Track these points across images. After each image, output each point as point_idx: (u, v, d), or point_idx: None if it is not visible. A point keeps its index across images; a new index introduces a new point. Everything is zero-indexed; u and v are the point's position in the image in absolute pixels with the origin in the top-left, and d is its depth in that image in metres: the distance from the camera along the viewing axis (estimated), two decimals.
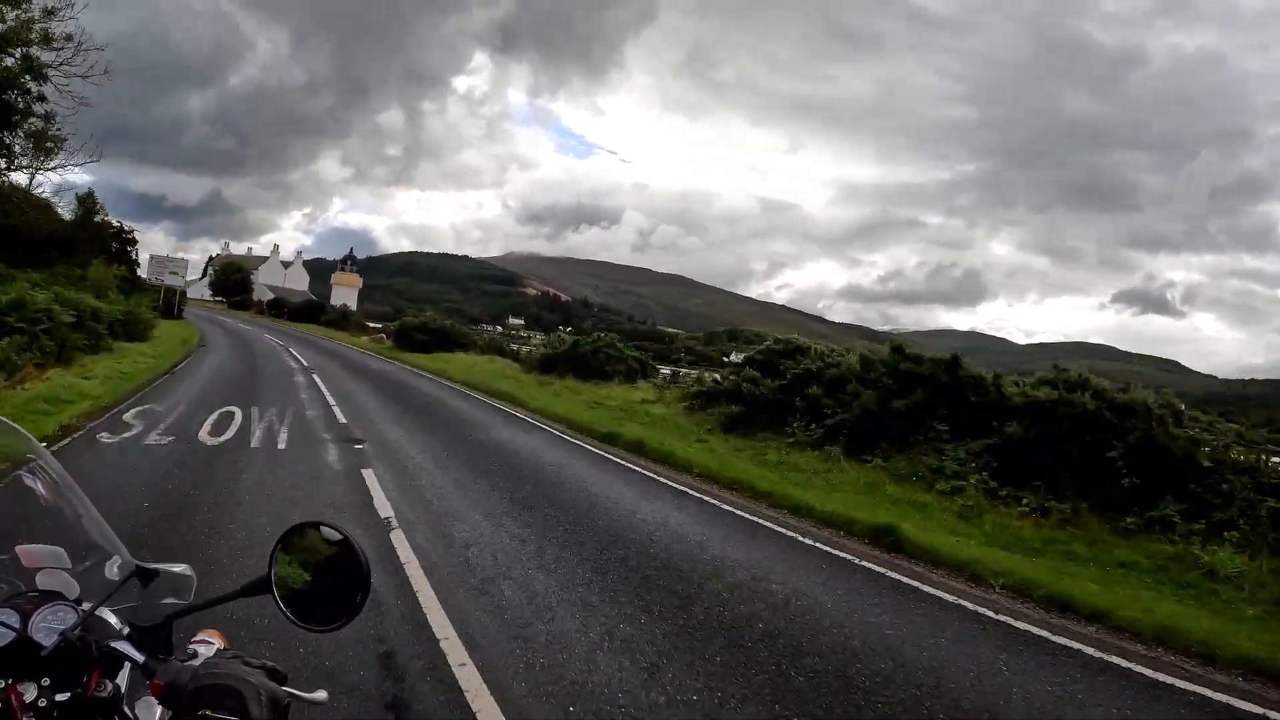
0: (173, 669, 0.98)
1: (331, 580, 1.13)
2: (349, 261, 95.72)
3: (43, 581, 1.11)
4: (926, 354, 11.30)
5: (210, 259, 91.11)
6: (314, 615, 1.12)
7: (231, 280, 74.98)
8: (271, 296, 74.46)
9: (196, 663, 1.00)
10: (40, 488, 1.21)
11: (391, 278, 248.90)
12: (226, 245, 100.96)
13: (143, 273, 36.03)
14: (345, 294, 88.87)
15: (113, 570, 1.18)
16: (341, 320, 54.93)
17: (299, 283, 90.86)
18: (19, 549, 1.13)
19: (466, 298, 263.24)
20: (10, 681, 0.97)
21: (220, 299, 75.58)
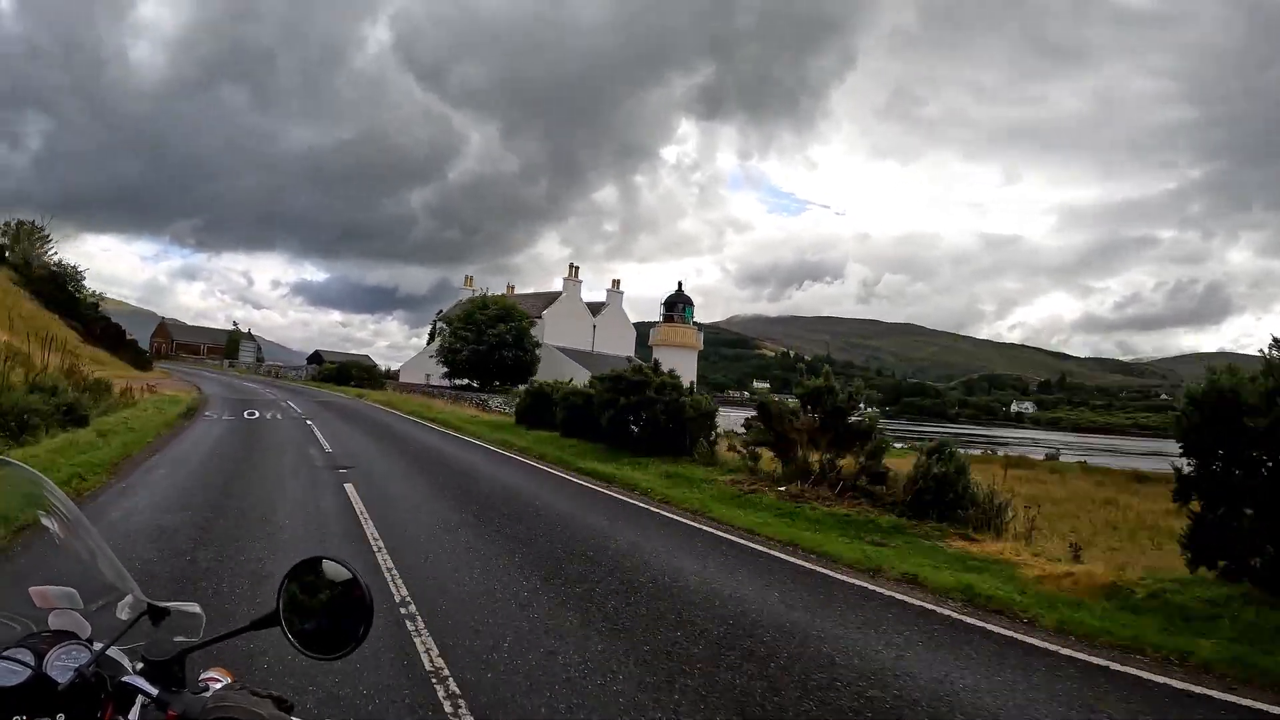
0: (186, 701, 1.02)
1: (335, 612, 1.15)
2: (680, 306, 52.60)
3: (55, 622, 1.11)
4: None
5: (438, 315, 53.09)
6: (319, 644, 1.15)
7: (489, 338, 35.82)
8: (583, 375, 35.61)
9: (208, 695, 1.04)
10: (54, 528, 1.21)
11: None
12: (470, 280, 54.24)
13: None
14: (678, 360, 48.92)
15: (124, 609, 1.18)
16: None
17: (617, 343, 49.66)
18: (32, 590, 1.12)
19: (707, 364, 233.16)
20: (26, 718, 0.97)
21: (465, 382, 37.65)
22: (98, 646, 1.06)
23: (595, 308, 49.96)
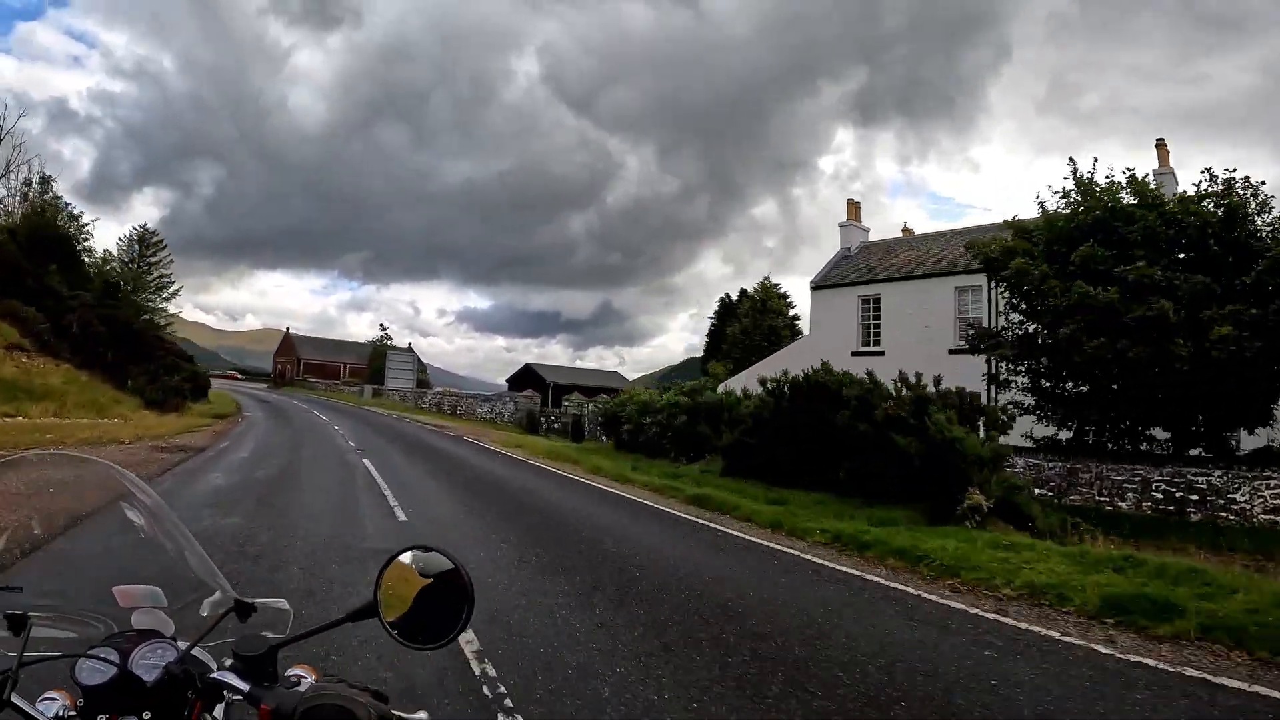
0: (280, 695, 0.99)
1: (434, 601, 1.13)
2: None
3: (138, 620, 1.12)
4: None
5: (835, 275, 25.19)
6: (418, 635, 1.13)
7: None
8: None
9: (302, 689, 1.02)
10: (139, 524, 1.21)
11: None
12: (855, 209, 28.13)
13: None
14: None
15: (209, 607, 1.18)
16: None
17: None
18: (116, 589, 1.13)
19: None
20: (112, 716, 0.98)
21: (1094, 436, 11.97)
22: (183, 644, 1.06)
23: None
